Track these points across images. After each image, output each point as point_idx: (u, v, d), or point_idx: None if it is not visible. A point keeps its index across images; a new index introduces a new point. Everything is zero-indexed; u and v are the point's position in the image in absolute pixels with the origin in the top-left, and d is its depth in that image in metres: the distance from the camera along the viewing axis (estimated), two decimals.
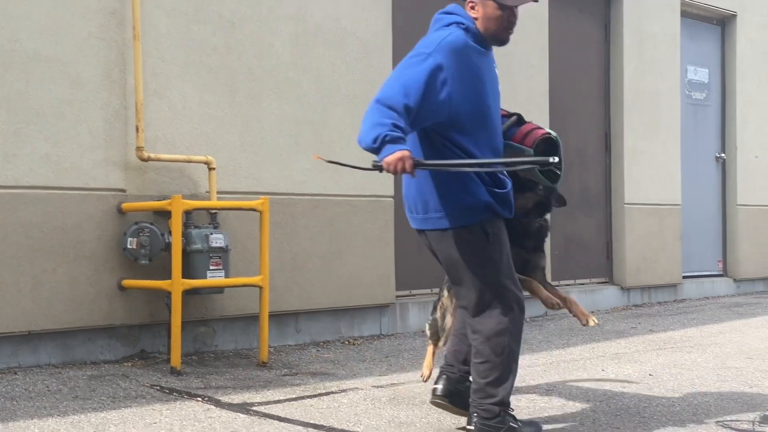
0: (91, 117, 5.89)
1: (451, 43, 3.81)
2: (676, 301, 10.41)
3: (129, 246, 5.89)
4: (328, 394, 5.21)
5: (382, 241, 7.45)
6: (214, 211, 6.21)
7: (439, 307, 4.71)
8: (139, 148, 6.01)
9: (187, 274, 5.81)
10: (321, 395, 5.16)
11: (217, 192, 6.35)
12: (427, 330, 4.81)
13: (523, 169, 3.96)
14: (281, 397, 5.08)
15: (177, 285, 5.65)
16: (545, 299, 4.35)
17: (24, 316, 5.60)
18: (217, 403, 4.90)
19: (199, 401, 4.94)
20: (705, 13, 11.17)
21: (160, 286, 5.79)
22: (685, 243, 10.68)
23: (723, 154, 11.39)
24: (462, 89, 3.81)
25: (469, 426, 4.07)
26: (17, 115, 5.60)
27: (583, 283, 9.57)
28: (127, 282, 5.96)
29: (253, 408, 4.80)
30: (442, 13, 4.02)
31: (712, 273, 11.34)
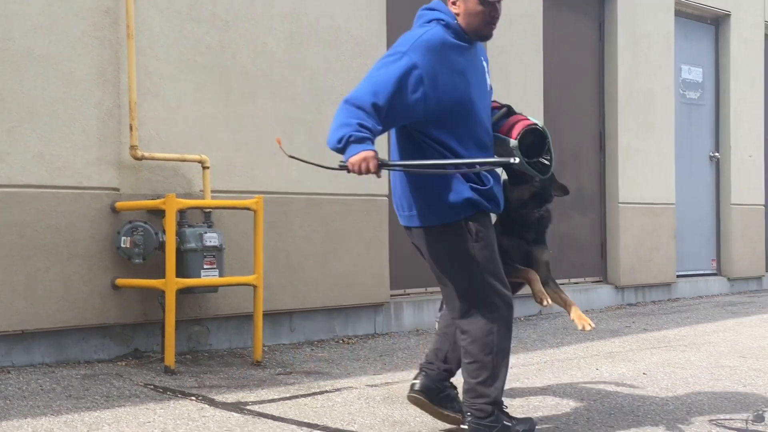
0: (84, 116, 5.88)
1: (426, 41, 3.81)
2: (670, 300, 10.42)
3: (123, 245, 5.88)
4: (322, 393, 5.20)
5: (377, 240, 7.45)
6: (208, 210, 6.21)
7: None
8: (132, 147, 6.00)
9: (181, 273, 5.80)
10: (315, 394, 5.16)
11: (212, 191, 6.34)
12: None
13: (488, 168, 3.87)
14: (275, 396, 5.08)
15: (171, 284, 5.64)
16: (536, 293, 4.28)
17: (17, 316, 5.58)
18: (211, 402, 4.89)
19: (192, 400, 4.93)
20: (699, 13, 11.19)
21: (154, 285, 5.79)
22: (679, 242, 10.70)
23: (717, 154, 11.41)
24: (439, 86, 3.80)
25: (463, 426, 4.07)
26: (10, 114, 5.58)
27: (578, 282, 9.58)
28: (120, 281, 5.95)
29: (247, 407, 4.80)
30: (425, 9, 4.02)
31: (706, 272, 11.36)
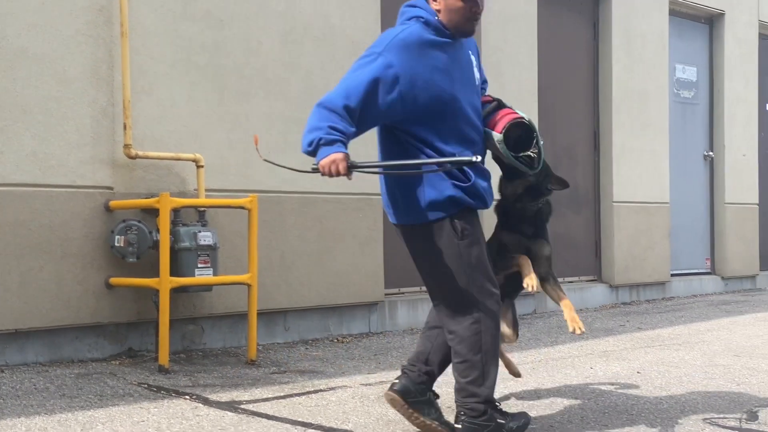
0: (78, 114, 5.87)
1: (402, 40, 3.81)
2: (665, 299, 10.44)
3: (116, 244, 5.87)
4: (316, 392, 5.20)
5: (371, 239, 7.45)
6: (203, 208, 6.20)
7: None
8: (126, 146, 5.99)
9: (175, 272, 5.80)
10: (309, 393, 5.16)
11: (206, 190, 6.34)
12: None
13: (457, 164, 3.80)
14: (269, 395, 5.08)
15: (165, 283, 5.64)
16: (524, 277, 4.20)
17: (11, 314, 5.57)
18: (205, 402, 4.88)
19: (186, 399, 4.93)
20: (693, 12, 11.20)
21: (148, 284, 5.78)
22: (673, 241, 10.72)
23: (711, 153, 11.43)
24: (417, 84, 3.79)
25: (456, 425, 4.07)
26: (4, 113, 5.57)
27: (572, 281, 9.59)
28: (114, 280, 5.94)
29: (241, 406, 4.79)
30: (407, 5, 4.01)
31: (700, 271, 11.38)
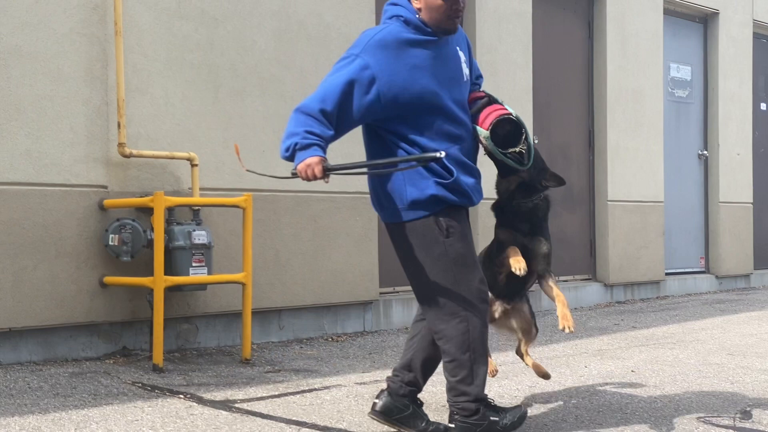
0: (72, 113, 5.86)
1: (379, 40, 3.82)
2: (659, 297, 10.45)
3: (111, 243, 5.86)
4: (311, 390, 5.20)
5: (366, 237, 7.45)
6: (197, 207, 6.19)
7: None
8: (120, 145, 5.98)
9: (169, 270, 5.79)
10: (304, 392, 5.16)
11: (200, 188, 6.33)
12: None
13: (422, 160, 3.77)
14: (264, 394, 5.07)
15: (159, 282, 5.63)
16: (511, 262, 4.15)
17: (5, 313, 5.56)
18: (200, 400, 4.88)
19: (181, 398, 4.92)
20: (687, 11, 11.21)
21: (142, 283, 5.77)
22: (667, 240, 10.73)
23: (705, 152, 11.44)
24: (396, 84, 3.79)
25: (450, 423, 4.07)
26: None
27: (567, 280, 9.59)
28: (108, 279, 5.93)
29: (236, 405, 4.79)
30: (389, 4, 4.01)
31: (695, 270, 11.40)
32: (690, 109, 11.34)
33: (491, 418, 3.98)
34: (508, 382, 5.43)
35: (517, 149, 3.98)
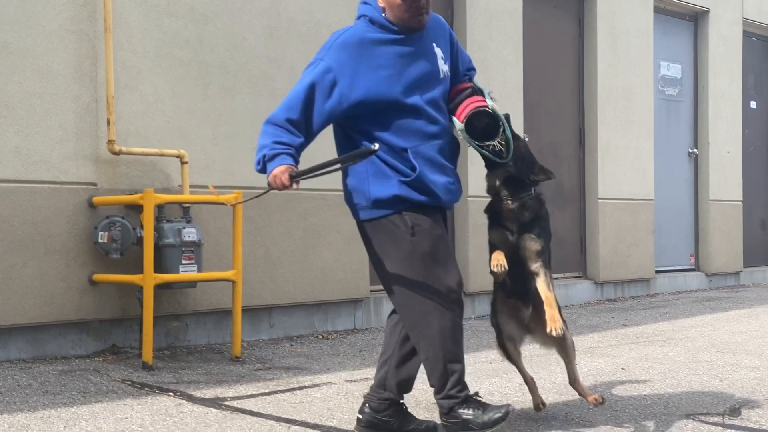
0: (61, 110, 5.84)
1: (342, 43, 3.84)
2: (649, 295, 10.47)
3: (100, 240, 5.84)
4: (301, 388, 5.19)
5: (356, 235, 7.28)
6: (187, 205, 6.18)
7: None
8: (110, 142, 5.96)
9: (159, 268, 5.78)
10: (294, 390, 5.15)
11: (190, 186, 6.32)
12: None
13: (359, 156, 3.77)
14: (254, 392, 5.07)
15: (149, 279, 5.62)
16: (491, 260, 4.09)
17: None
18: (189, 398, 4.87)
19: (170, 396, 4.91)
20: (677, 9, 11.23)
21: (132, 281, 5.76)
22: (657, 238, 10.75)
23: (695, 150, 11.47)
24: (359, 85, 3.80)
25: (439, 422, 4.07)
26: None
27: (557, 278, 9.60)
28: (98, 276, 5.91)
29: (226, 403, 4.78)
30: (361, 2, 4.00)
31: (685, 267, 11.42)
32: (680, 107, 11.36)
33: (464, 417, 3.92)
34: (498, 379, 5.43)
35: (494, 142, 3.93)
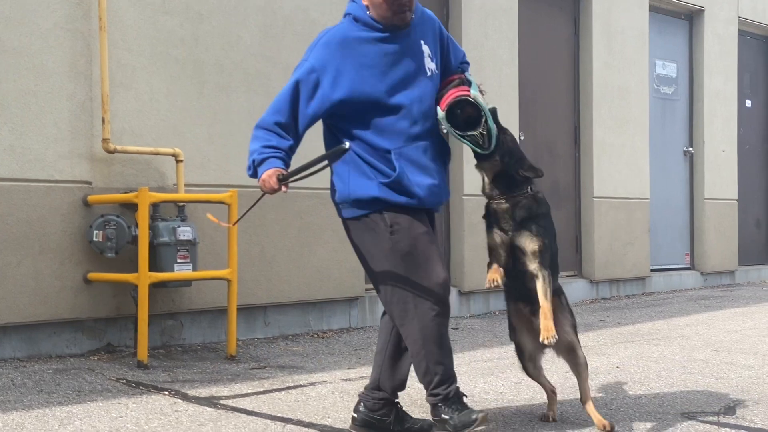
0: (56, 108, 5.83)
1: (325, 42, 3.85)
2: (644, 294, 10.48)
3: (95, 239, 5.83)
4: (296, 387, 5.19)
5: None
6: (182, 203, 6.17)
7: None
8: (105, 140, 5.95)
9: (154, 267, 5.77)
10: (289, 388, 5.15)
11: (185, 184, 6.31)
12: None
13: (333, 155, 3.76)
14: (249, 391, 5.06)
15: (144, 278, 5.61)
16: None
17: None
18: (184, 397, 4.87)
19: (165, 395, 4.91)
20: (673, 8, 11.24)
21: (127, 279, 5.75)
22: (653, 236, 10.76)
23: (691, 149, 11.48)
24: (342, 85, 3.80)
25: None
26: None
27: None
28: (93, 275, 5.91)
29: (221, 401, 4.78)
30: (350, 0, 3.99)
31: (680, 266, 11.43)
32: (675, 106, 11.37)
33: (443, 416, 3.91)
34: (493, 378, 5.43)
35: (475, 132, 3.88)
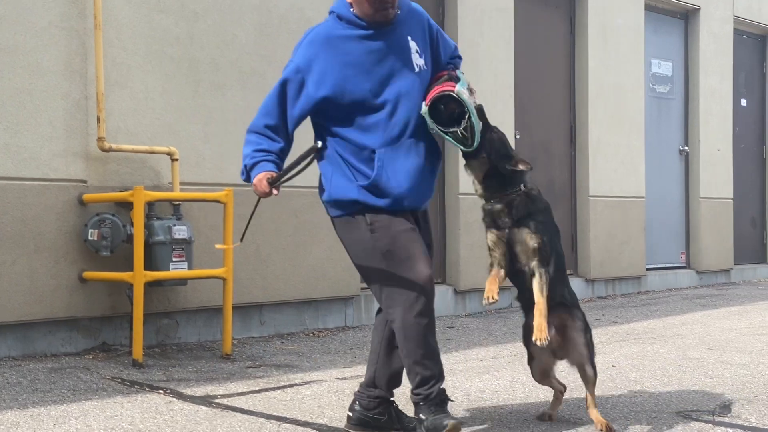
0: (51, 107, 5.82)
1: (310, 41, 3.88)
2: (640, 292, 10.49)
3: (90, 237, 5.83)
4: (291, 386, 5.19)
5: None
6: (177, 202, 6.16)
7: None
8: (100, 139, 5.94)
9: (149, 265, 5.76)
10: (285, 387, 5.15)
11: (181, 183, 6.30)
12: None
13: (308, 155, 3.78)
14: (244, 390, 5.06)
15: (139, 277, 5.60)
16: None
17: None
18: (180, 396, 4.86)
19: (161, 394, 4.90)
20: (669, 7, 11.25)
21: (122, 278, 5.74)
22: (648, 235, 10.77)
23: (686, 148, 11.49)
24: (326, 84, 3.80)
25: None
26: None
27: None
28: (88, 274, 5.90)
29: (216, 400, 4.77)
30: None
31: (675, 265, 11.44)
32: (671, 104, 11.38)
33: (419, 416, 3.90)
34: (489, 377, 5.43)
35: (459, 128, 3.84)
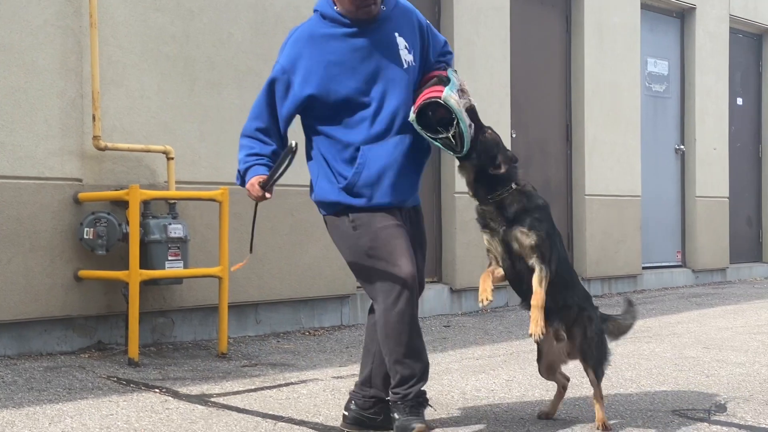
0: (46, 105, 5.81)
1: (294, 41, 3.85)
2: (636, 291, 10.49)
3: (86, 236, 5.82)
4: (287, 384, 5.19)
5: None
6: (173, 201, 6.16)
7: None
8: (95, 137, 5.94)
9: (144, 264, 5.76)
10: (280, 386, 5.14)
11: (176, 182, 6.30)
12: None
13: (286, 155, 3.75)
14: (240, 388, 5.06)
15: (134, 275, 5.60)
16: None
17: None
18: (175, 395, 4.86)
19: (156, 393, 4.90)
20: (665, 6, 11.25)
21: (118, 277, 5.74)
22: (644, 234, 10.77)
23: (682, 146, 11.50)
24: (311, 83, 3.79)
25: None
26: None
27: None
28: (83, 272, 5.89)
29: (212, 399, 4.77)
30: None
31: (671, 264, 11.46)
32: (667, 103, 11.38)
33: (393, 415, 3.90)
34: (484, 376, 5.43)
35: (448, 134, 3.81)
